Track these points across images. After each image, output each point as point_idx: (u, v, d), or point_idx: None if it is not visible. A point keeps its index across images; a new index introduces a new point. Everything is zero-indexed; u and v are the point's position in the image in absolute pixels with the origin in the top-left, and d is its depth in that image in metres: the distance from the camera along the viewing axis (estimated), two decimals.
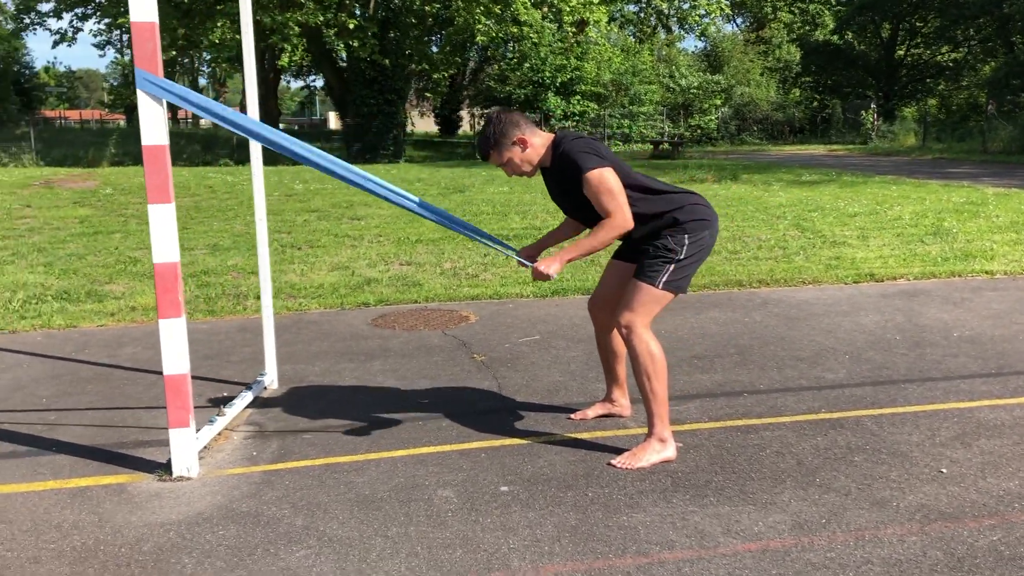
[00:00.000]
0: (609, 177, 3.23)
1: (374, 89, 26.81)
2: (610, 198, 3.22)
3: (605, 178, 3.22)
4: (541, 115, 31.06)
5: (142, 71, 3.08)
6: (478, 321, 5.75)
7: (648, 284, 3.34)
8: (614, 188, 3.22)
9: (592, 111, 32.01)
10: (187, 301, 6.48)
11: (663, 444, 3.39)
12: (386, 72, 26.71)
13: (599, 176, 3.22)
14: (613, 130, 32.90)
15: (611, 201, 3.22)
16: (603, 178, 3.22)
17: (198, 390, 4.42)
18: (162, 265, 3.22)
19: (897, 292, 6.45)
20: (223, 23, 23.52)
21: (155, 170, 3.16)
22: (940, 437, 3.59)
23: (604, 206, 3.23)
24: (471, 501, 3.07)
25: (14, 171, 19.67)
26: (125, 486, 3.27)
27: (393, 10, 27.16)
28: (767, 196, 13.01)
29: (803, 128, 37.22)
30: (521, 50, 31.56)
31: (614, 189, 3.22)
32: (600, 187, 3.22)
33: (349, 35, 24.73)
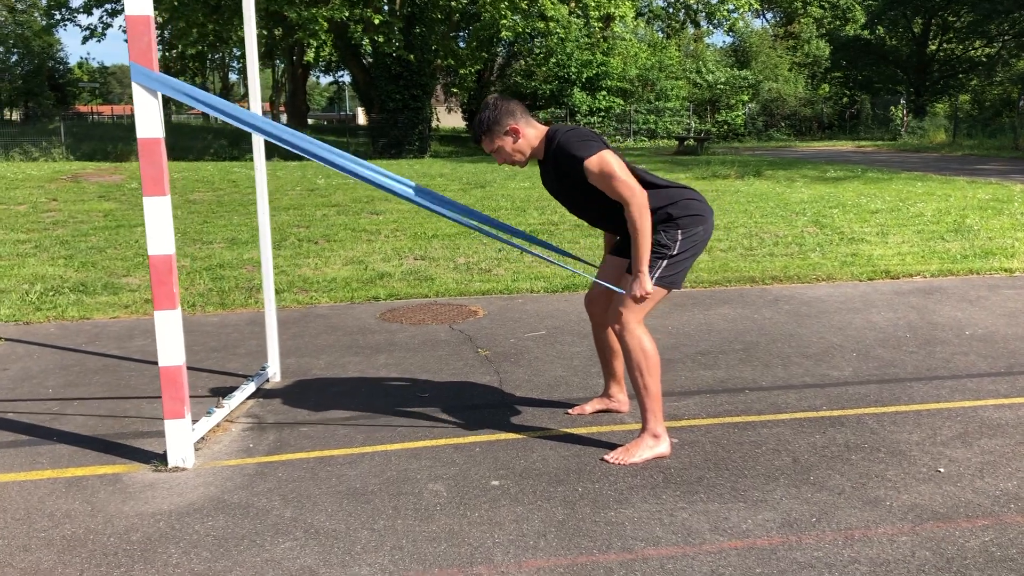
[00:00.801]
0: (609, 159, 3.19)
1: (399, 84, 26.88)
2: (616, 180, 3.17)
3: (605, 161, 3.19)
4: (567, 111, 31.01)
5: (137, 65, 3.10)
6: (486, 316, 5.74)
7: None
8: (616, 169, 3.18)
9: (618, 106, 31.90)
10: (200, 294, 6.54)
11: (656, 440, 3.37)
12: (411, 68, 26.77)
13: (599, 161, 3.19)
14: (639, 126, 32.78)
15: (618, 182, 3.17)
16: (603, 161, 3.19)
17: (202, 382, 4.46)
18: (157, 257, 3.25)
19: (912, 289, 6.36)
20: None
21: (150, 163, 3.18)
22: (941, 436, 3.54)
23: (613, 188, 3.18)
24: (461, 495, 3.07)
25: (44, 165, 19.93)
26: (121, 476, 3.30)
27: (419, 6, 27.19)
28: (789, 192, 12.88)
29: (832, 124, 36.86)
30: (547, 45, 31.51)
31: (616, 169, 3.18)
32: (603, 171, 3.18)
33: (374, 30, 24.80)
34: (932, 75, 39.44)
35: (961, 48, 39.25)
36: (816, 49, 39.96)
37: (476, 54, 33.08)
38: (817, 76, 39.95)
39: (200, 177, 16.47)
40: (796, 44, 41.55)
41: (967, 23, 36.63)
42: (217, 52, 53.80)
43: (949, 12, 36.99)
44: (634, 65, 32.66)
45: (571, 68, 31.04)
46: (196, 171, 17.90)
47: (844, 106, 38.71)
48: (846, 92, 40.24)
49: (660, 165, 19.76)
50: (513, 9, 27.54)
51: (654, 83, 33.11)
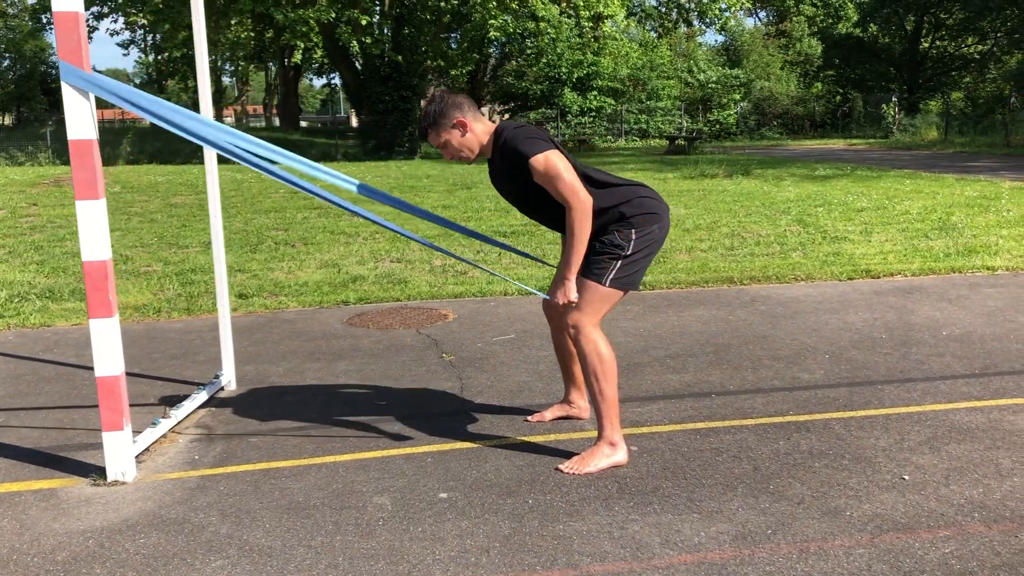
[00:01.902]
0: (554, 159, 3.08)
1: (389, 86, 26.76)
2: (560, 181, 3.06)
3: (551, 161, 3.08)
4: (558, 111, 30.90)
5: (67, 64, 2.98)
6: (456, 320, 5.63)
7: (594, 282, 3.20)
8: (561, 169, 3.07)
9: (609, 106, 31.80)
10: (168, 299, 6.42)
11: (613, 448, 3.25)
12: (401, 69, 26.65)
13: (545, 161, 3.08)
14: (630, 125, 32.68)
15: (562, 184, 3.06)
16: (548, 162, 3.08)
17: (156, 390, 4.34)
18: (91, 264, 3.12)
19: (892, 289, 6.25)
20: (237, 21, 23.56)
21: (82, 165, 3.06)
22: (909, 442, 3.43)
23: (557, 189, 3.08)
24: (406, 509, 2.95)
25: (28, 170, 19.81)
26: (56, 491, 3.18)
27: (407, 7, 27.08)
28: (776, 191, 12.78)
29: (824, 122, 36.76)
30: (538, 46, 31.41)
31: (561, 170, 3.07)
32: (548, 171, 3.07)
33: (362, 32, 24.68)
34: (925, 72, 39.38)
35: (953, 45, 39.18)
36: (808, 47, 39.89)
37: (467, 55, 32.97)
38: (809, 74, 39.88)
39: (184, 180, 16.36)
40: (788, 43, 41.47)
41: (959, 20, 36.55)
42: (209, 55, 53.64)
43: (941, 9, 36.91)
44: (625, 65, 32.55)
45: (562, 68, 30.94)
46: (181, 174, 17.79)
47: (837, 104, 38.63)
48: (839, 90, 40.15)
49: (649, 165, 19.67)
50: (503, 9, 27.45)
51: (645, 82, 33.00)
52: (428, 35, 28.51)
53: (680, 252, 7.86)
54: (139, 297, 6.52)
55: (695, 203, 11.55)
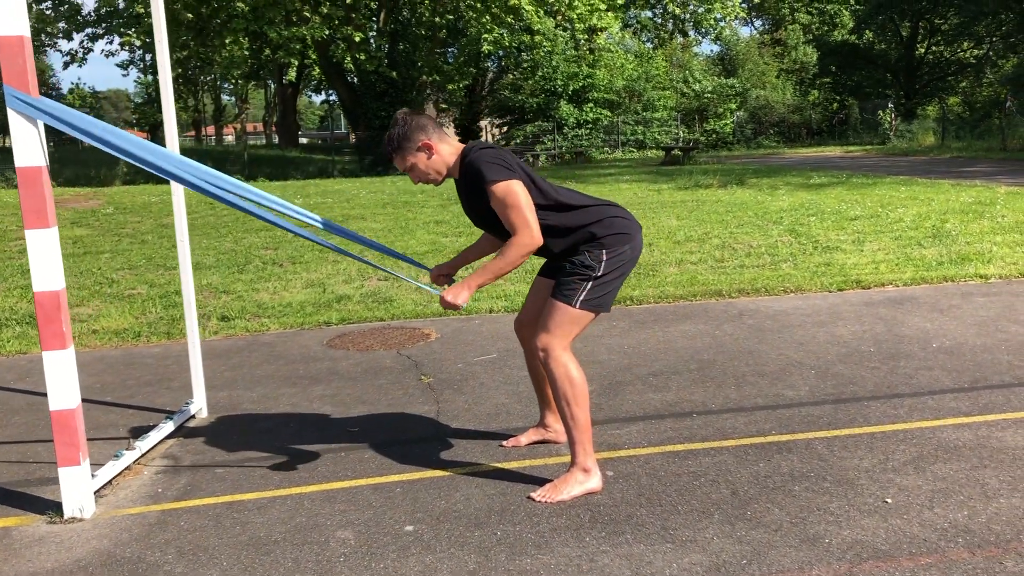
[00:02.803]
0: (516, 189, 2.99)
1: (385, 102, 26.76)
2: (516, 213, 2.98)
3: (511, 190, 2.99)
4: (554, 123, 30.87)
5: (12, 89, 2.89)
6: (438, 339, 5.52)
7: (564, 303, 3.10)
8: (521, 202, 2.99)
9: (605, 118, 31.76)
10: (149, 323, 6.32)
11: (587, 474, 3.14)
12: (396, 85, 26.66)
13: (505, 189, 2.99)
14: (627, 136, 32.63)
15: (517, 216, 2.98)
16: (509, 190, 2.98)
17: (125, 419, 4.24)
18: (43, 294, 3.03)
19: (883, 300, 6.14)
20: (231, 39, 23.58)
21: (31, 194, 2.97)
22: (893, 461, 3.31)
23: (510, 221, 3.00)
24: (369, 543, 2.84)
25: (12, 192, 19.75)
26: (11, 530, 3.07)
27: (402, 23, 27.12)
28: (770, 201, 12.69)
29: (821, 130, 36.71)
30: (534, 59, 31.41)
31: (521, 203, 2.98)
32: (505, 200, 2.99)
33: (356, 48, 24.68)
34: (921, 78, 39.37)
35: (949, 50, 39.18)
36: (803, 55, 39.88)
37: (464, 69, 33.00)
38: (805, 82, 39.85)
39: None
40: (783, 51, 41.47)
41: (954, 25, 36.57)
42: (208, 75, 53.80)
43: (936, 15, 36.94)
44: (620, 76, 32.53)
45: (557, 81, 30.92)
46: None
47: (833, 112, 38.58)
48: (836, 97, 40.13)
49: (644, 176, 19.60)
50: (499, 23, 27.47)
51: (641, 94, 32.97)
52: (423, 50, 28.54)
53: (669, 265, 7.76)
54: (120, 321, 6.43)
55: (688, 214, 11.46)
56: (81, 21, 25.86)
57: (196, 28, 24.62)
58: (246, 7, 22.91)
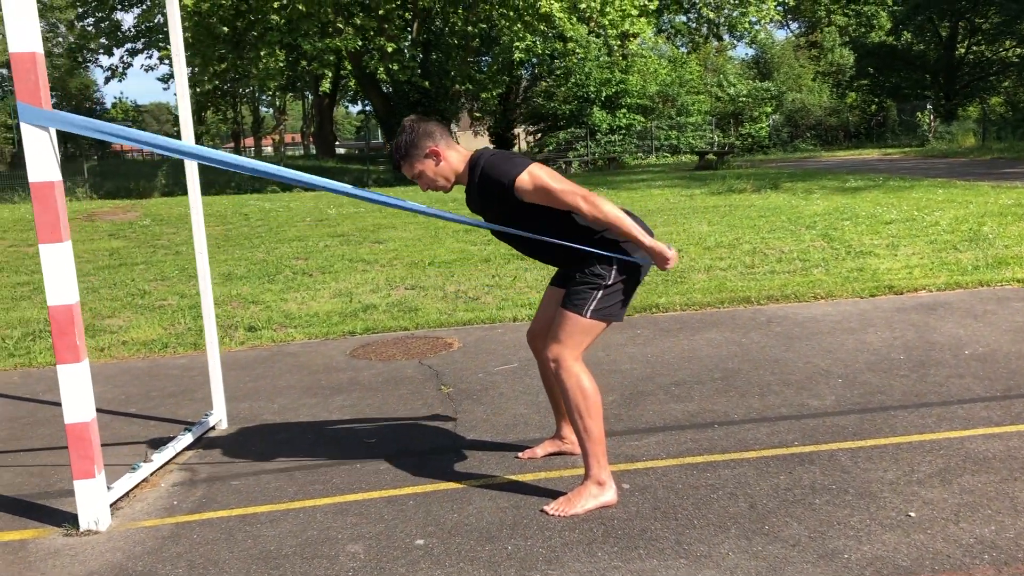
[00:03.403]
0: (540, 173, 2.95)
1: (418, 111, 26.88)
2: (558, 193, 2.92)
3: (536, 175, 2.94)
4: (587, 130, 30.79)
5: (25, 104, 2.92)
6: (460, 348, 5.50)
7: (574, 313, 3.06)
8: (549, 180, 2.93)
9: (639, 123, 31.60)
10: (177, 334, 6.37)
11: (601, 488, 3.09)
12: (429, 94, 26.78)
13: (530, 177, 2.94)
14: (661, 142, 32.44)
15: (561, 193, 2.92)
16: (534, 176, 2.94)
17: (146, 431, 4.27)
18: (57, 308, 3.05)
19: (915, 305, 6.01)
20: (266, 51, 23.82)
21: (45, 208, 3.00)
22: (919, 474, 3.22)
23: (561, 202, 2.93)
24: (379, 557, 2.82)
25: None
26: (28, 542, 3.09)
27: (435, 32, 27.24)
28: (804, 205, 12.51)
29: (858, 133, 36.18)
30: (566, 65, 31.37)
31: (550, 181, 2.93)
32: (537, 186, 2.93)
33: (388, 59, 24.83)
34: (961, 78, 38.66)
35: (991, 50, 38.43)
36: (840, 57, 39.37)
37: (497, 78, 33.05)
38: (842, 85, 39.32)
39: (213, 212, 16.46)
40: (819, 53, 40.98)
41: (995, 24, 35.85)
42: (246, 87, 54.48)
43: (976, 14, 36.26)
44: (654, 81, 32.34)
45: (590, 87, 30.82)
46: (210, 206, 17.91)
47: (871, 114, 38.02)
48: (873, 99, 39.55)
49: (677, 181, 19.45)
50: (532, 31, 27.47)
51: (675, 98, 32.76)
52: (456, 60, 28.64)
53: (698, 271, 7.67)
54: (149, 332, 6.49)
55: (719, 219, 11.33)
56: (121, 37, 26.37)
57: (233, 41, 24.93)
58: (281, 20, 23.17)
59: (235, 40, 24.90)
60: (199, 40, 23.99)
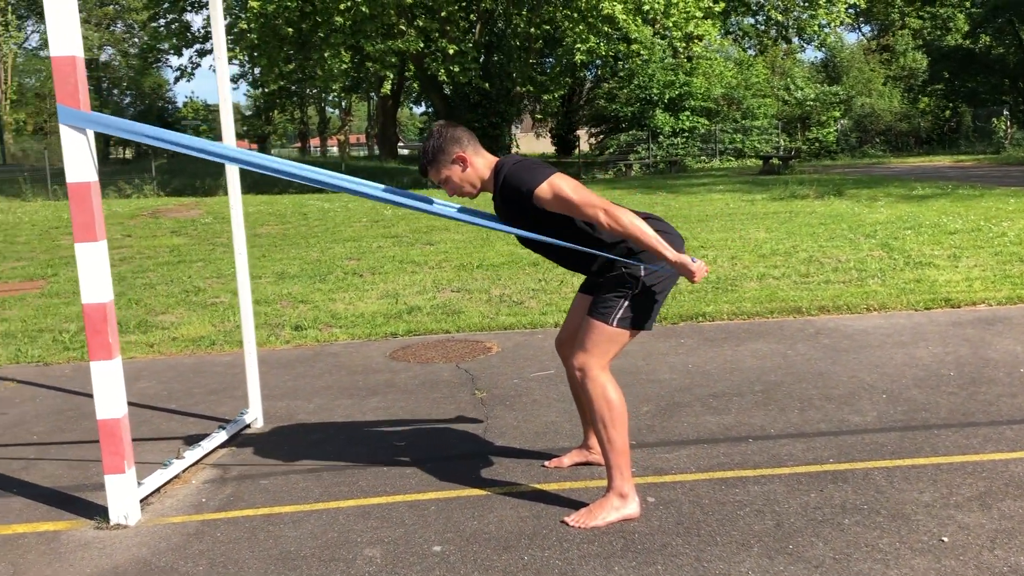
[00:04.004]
0: (561, 183, 2.91)
1: (478, 113, 27.04)
2: (579, 203, 2.87)
3: (556, 184, 2.91)
4: (649, 132, 30.55)
5: (64, 107, 2.99)
6: (499, 353, 5.48)
7: (600, 321, 3.01)
8: (569, 190, 2.89)
9: (702, 126, 31.23)
10: (225, 332, 6.48)
11: (623, 500, 3.04)
12: (490, 96, 26.87)
13: (551, 187, 2.91)
14: (725, 145, 32.02)
15: (581, 205, 2.87)
16: (555, 186, 2.91)
17: (184, 427, 4.34)
18: (91, 306, 3.11)
19: (972, 319, 5.81)
20: (330, 53, 24.14)
21: (81, 208, 3.06)
22: (957, 496, 3.10)
23: (581, 213, 2.90)
24: (394, 562, 2.81)
25: (131, 202, 20.67)
26: (60, 534, 3.17)
27: (497, 34, 27.32)
28: (867, 213, 12.22)
29: (930, 139, 35.21)
30: (630, 67, 31.17)
31: (570, 191, 2.89)
32: (557, 195, 2.90)
33: (450, 60, 24.97)
34: None
35: None
36: (912, 61, 38.37)
37: (559, 79, 32.99)
38: (914, 89, 38.31)
39: (274, 211, 16.75)
40: (891, 57, 39.99)
41: None
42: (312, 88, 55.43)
43: None
44: (719, 84, 31.94)
45: (653, 89, 30.57)
46: (271, 204, 18.24)
47: (945, 120, 36.96)
48: (948, 105, 38.46)
49: (739, 186, 19.18)
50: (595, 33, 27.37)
51: (740, 101, 32.30)
52: (518, 61, 28.67)
53: (750, 280, 7.53)
54: (199, 329, 6.61)
55: (778, 226, 11.13)
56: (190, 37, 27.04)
57: (299, 43, 25.32)
58: (346, 22, 23.47)
59: (301, 41, 25.29)
60: (265, 41, 24.44)
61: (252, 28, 24.23)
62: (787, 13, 39.73)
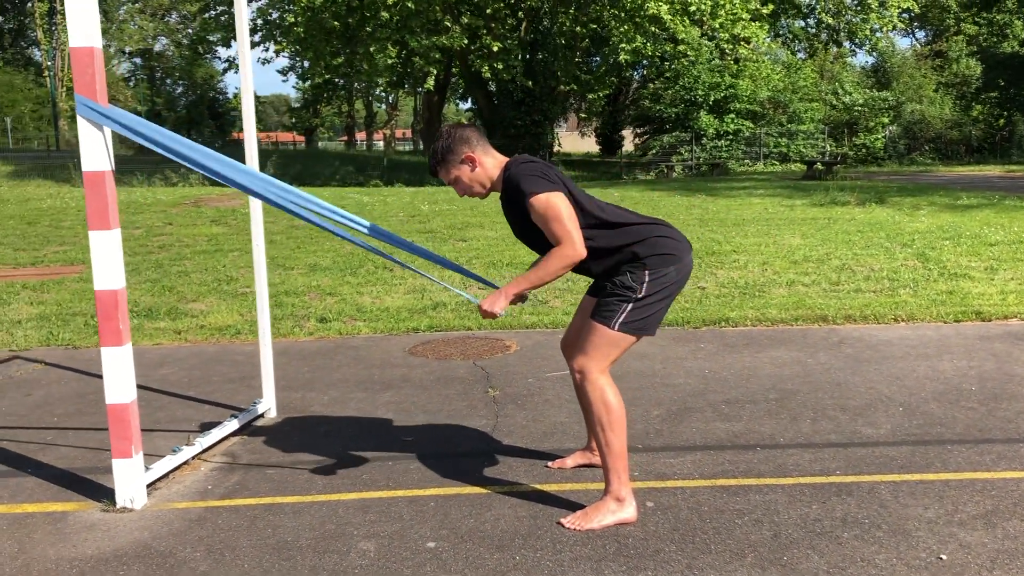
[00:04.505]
0: (557, 202, 2.92)
1: (521, 111, 27.05)
2: (558, 224, 2.91)
3: (552, 203, 2.92)
4: (692, 134, 30.32)
5: (82, 97, 3.05)
6: (516, 351, 5.49)
7: (603, 325, 3.01)
8: (563, 214, 2.91)
9: (747, 129, 30.91)
10: (250, 322, 6.56)
11: (620, 504, 3.03)
12: (533, 94, 26.86)
13: (545, 201, 2.92)
14: (769, 149, 31.66)
15: (559, 227, 2.91)
16: (550, 203, 2.92)
17: (200, 415, 4.41)
18: (103, 292, 3.18)
19: (1002, 333, 5.69)
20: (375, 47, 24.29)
21: (96, 196, 3.12)
22: (962, 514, 3.04)
23: (552, 232, 2.93)
24: (387, 557, 2.84)
25: (175, 190, 21.01)
26: (68, 515, 3.24)
27: (542, 32, 27.30)
28: (907, 221, 12.01)
29: (982, 147, 34.45)
30: (676, 68, 30.95)
31: (563, 215, 2.91)
32: (547, 212, 2.92)
33: (494, 58, 25.01)
34: None
35: None
36: (966, 68, 37.57)
37: (605, 79, 32.85)
38: (967, 96, 37.51)
39: None
40: (943, 63, 39.20)
41: None
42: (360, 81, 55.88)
43: None
44: (766, 87, 31.58)
45: (698, 91, 30.33)
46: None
47: (998, 128, 36.13)
48: (1002, 113, 37.58)
49: (780, 190, 18.95)
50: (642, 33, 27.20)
51: (786, 105, 31.91)
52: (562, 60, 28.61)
53: (779, 286, 7.45)
54: (227, 318, 6.70)
55: (815, 233, 10.98)
56: None
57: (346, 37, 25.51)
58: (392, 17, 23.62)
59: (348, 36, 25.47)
60: (311, 35, 24.67)
61: (299, 21, 24.47)
62: (838, 16, 39.15)
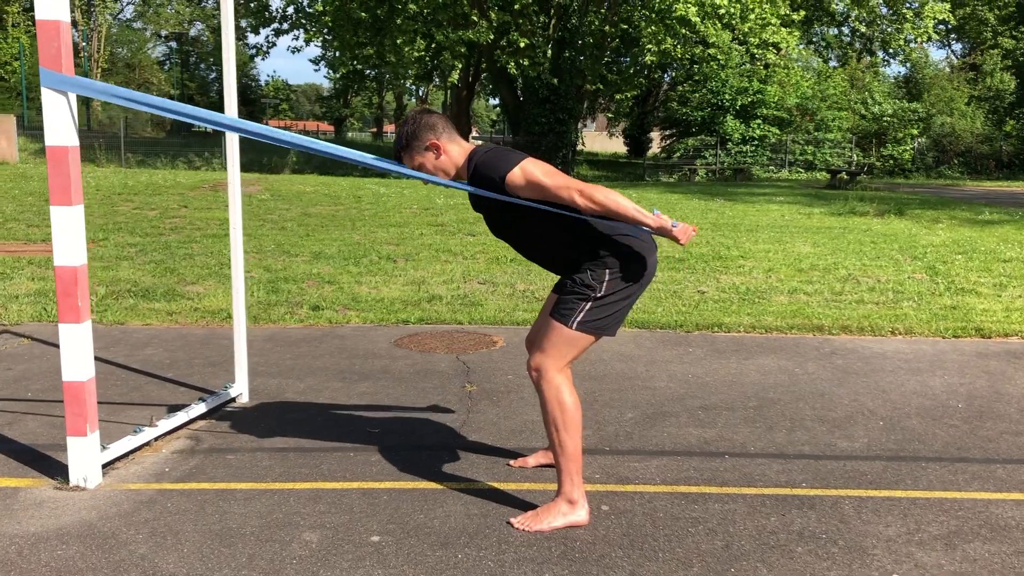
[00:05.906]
0: (532, 168, 2.83)
1: (546, 108, 26.88)
2: (551, 188, 2.79)
3: (528, 170, 2.83)
4: (718, 138, 30.10)
5: (47, 70, 3.03)
6: (501, 348, 5.43)
7: (560, 323, 2.94)
8: (543, 176, 2.81)
9: (773, 136, 30.63)
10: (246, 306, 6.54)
11: (572, 506, 2.97)
12: (559, 92, 26.72)
13: (522, 172, 2.83)
14: (795, 156, 31.36)
15: (555, 188, 2.78)
16: (526, 171, 2.83)
17: (173, 396, 4.39)
18: (62, 268, 3.16)
19: (1000, 351, 5.56)
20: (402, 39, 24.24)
21: (58, 172, 3.10)
22: (924, 534, 2.95)
23: (555, 196, 2.81)
24: (328, 549, 2.79)
25: (196, 174, 21.14)
26: (20, 491, 3.22)
27: (570, 30, 27.13)
28: (924, 234, 11.82)
29: (1012, 163, 33.92)
30: (704, 71, 30.73)
31: (543, 177, 2.80)
32: (530, 181, 2.81)
33: (520, 54, 24.92)
34: None
35: None
36: (1000, 82, 37.01)
37: (633, 80, 32.64)
38: (1000, 111, 36.95)
39: (330, 192, 16.92)
40: (977, 76, 38.64)
41: None
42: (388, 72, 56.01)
43: None
44: (794, 94, 31.28)
45: (725, 95, 30.09)
46: (330, 186, 18.42)
47: None
48: None
49: (800, 198, 18.75)
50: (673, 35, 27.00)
51: (814, 113, 31.59)
52: (590, 59, 28.44)
53: (780, 294, 7.34)
54: (221, 301, 6.69)
55: (827, 242, 10.83)
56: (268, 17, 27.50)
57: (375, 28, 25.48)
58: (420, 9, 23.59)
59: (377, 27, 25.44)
60: (339, 24, 24.66)
61: (326, 11, 24.50)
62: (872, 26, 38.71)
